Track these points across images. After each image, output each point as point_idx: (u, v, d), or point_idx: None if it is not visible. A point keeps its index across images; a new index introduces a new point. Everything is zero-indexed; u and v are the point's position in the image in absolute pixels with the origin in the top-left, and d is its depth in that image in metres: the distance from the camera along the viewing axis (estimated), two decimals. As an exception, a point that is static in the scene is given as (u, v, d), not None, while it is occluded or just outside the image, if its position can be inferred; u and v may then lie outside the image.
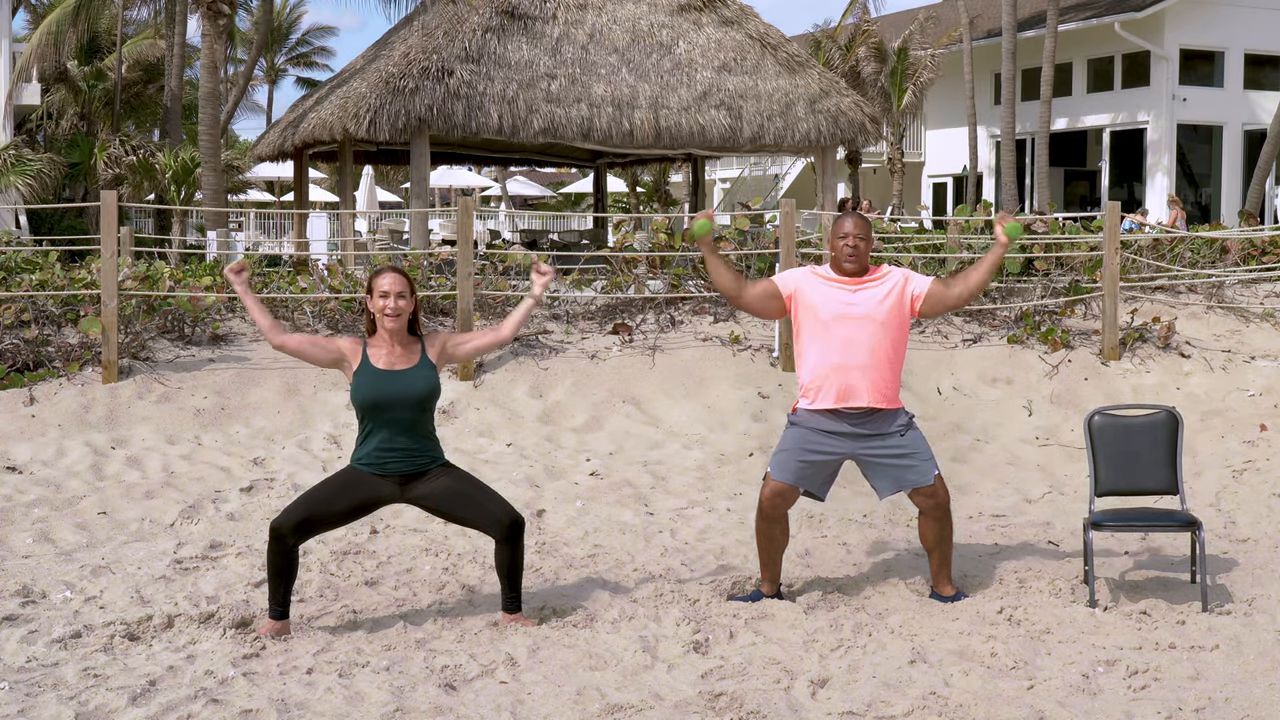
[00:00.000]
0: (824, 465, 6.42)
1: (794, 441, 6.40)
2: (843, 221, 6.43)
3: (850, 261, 6.37)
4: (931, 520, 6.45)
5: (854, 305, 6.34)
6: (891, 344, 6.36)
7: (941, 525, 6.45)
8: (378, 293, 5.84)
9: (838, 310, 6.34)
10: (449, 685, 5.28)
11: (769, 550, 6.51)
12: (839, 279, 6.41)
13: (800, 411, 6.43)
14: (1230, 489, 9.11)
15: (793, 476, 6.38)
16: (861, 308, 6.33)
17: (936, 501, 6.41)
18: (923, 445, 6.44)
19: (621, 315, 12.53)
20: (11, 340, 10.79)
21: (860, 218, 6.45)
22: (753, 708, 5.04)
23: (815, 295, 6.40)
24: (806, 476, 6.40)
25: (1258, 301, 13.47)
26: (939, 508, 6.42)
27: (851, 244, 6.36)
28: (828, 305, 6.37)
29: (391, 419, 5.82)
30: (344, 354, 5.89)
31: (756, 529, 6.51)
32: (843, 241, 6.38)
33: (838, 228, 6.43)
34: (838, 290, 6.39)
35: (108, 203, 11.04)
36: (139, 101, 34.33)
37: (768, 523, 6.45)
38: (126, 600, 6.41)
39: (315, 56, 54.95)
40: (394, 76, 18.41)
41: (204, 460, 9.47)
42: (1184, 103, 32.00)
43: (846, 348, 6.29)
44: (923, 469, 6.38)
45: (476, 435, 10.19)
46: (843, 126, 20.15)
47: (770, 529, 6.46)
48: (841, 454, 6.41)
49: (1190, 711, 5.05)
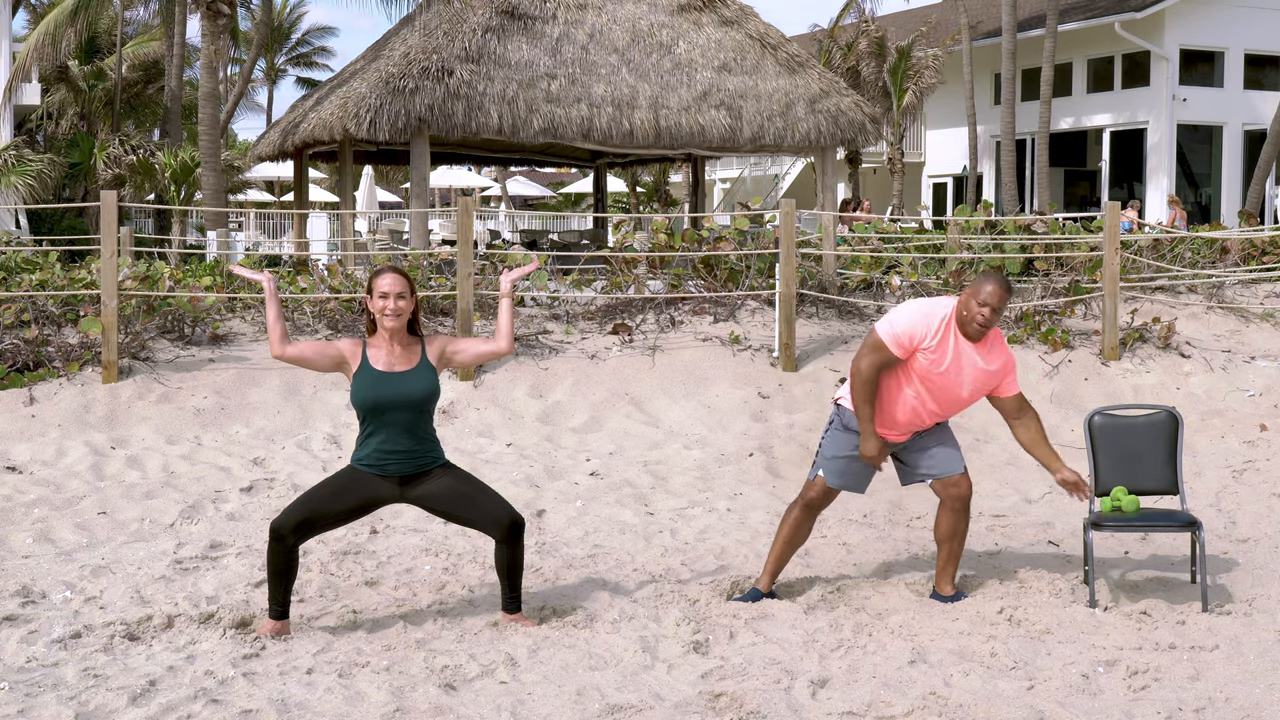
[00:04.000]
0: (871, 469, 6.52)
1: (845, 447, 6.44)
2: (984, 287, 6.10)
3: (975, 334, 6.15)
4: (950, 512, 6.49)
5: (981, 368, 6.22)
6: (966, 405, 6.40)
7: (958, 519, 6.49)
8: (378, 293, 5.84)
9: (963, 371, 6.22)
10: (449, 685, 5.28)
11: (790, 545, 6.58)
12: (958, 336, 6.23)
13: (845, 410, 6.42)
14: (1230, 489, 9.11)
15: (847, 482, 6.50)
16: (963, 377, 6.24)
17: (959, 493, 6.46)
18: (952, 436, 6.53)
19: (621, 315, 12.52)
20: (11, 340, 10.79)
21: (1007, 288, 6.13)
22: (753, 708, 5.04)
23: (930, 346, 6.18)
24: (859, 479, 6.52)
25: (1258, 301, 13.47)
26: (960, 500, 6.46)
27: (986, 317, 6.09)
28: (955, 363, 6.20)
29: (391, 420, 5.82)
30: (344, 356, 5.89)
31: (789, 520, 6.54)
32: (982, 310, 6.10)
33: (977, 291, 6.12)
34: (970, 353, 6.21)
35: (108, 203, 11.04)
36: (139, 101, 34.32)
37: (807, 514, 6.53)
38: (126, 600, 6.41)
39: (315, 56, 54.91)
40: (394, 76, 18.41)
41: (204, 460, 9.47)
42: (1184, 103, 31.99)
43: (932, 400, 6.28)
44: (953, 456, 6.45)
45: (476, 435, 10.19)
46: (843, 126, 20.14)
47: (805, 523, 6.54)
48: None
49: (1190, 711, 5.05)
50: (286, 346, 5.88)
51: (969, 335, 6.18)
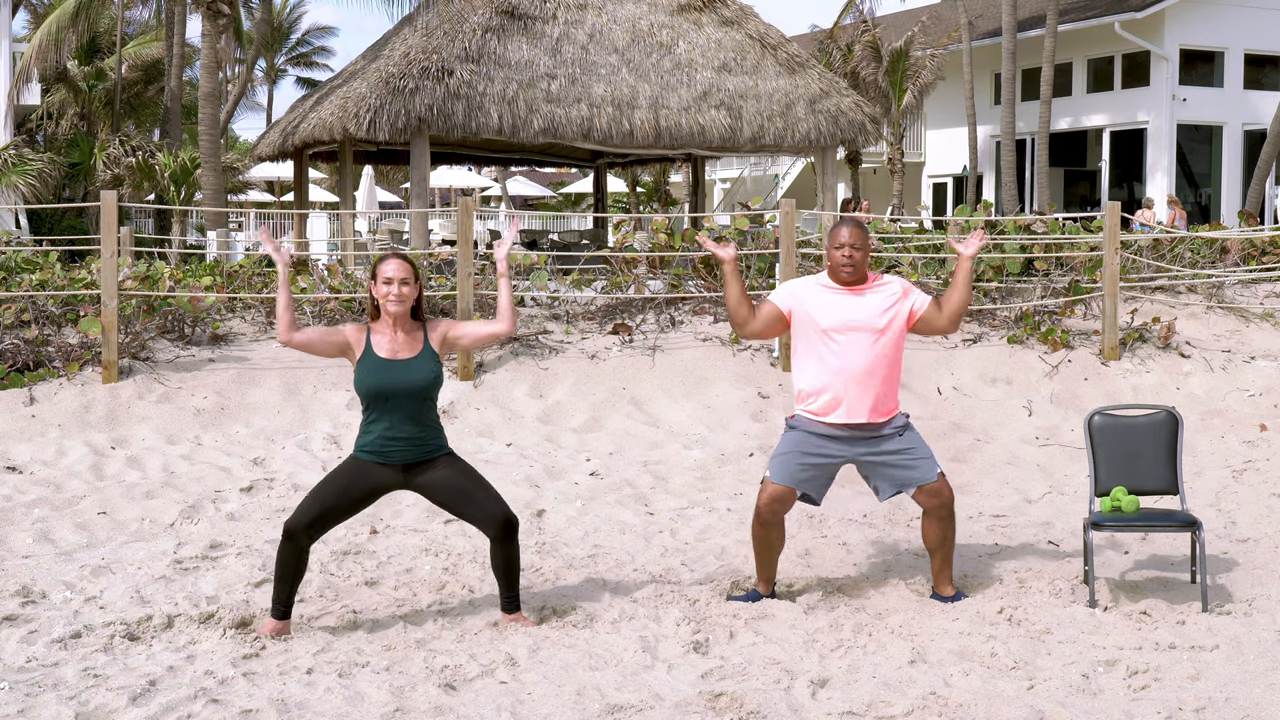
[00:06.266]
0: (823, 469, 6.40)
1: (793, 445, 6.38)
2: (839, 230, 6.35)
3: (847, 271, 6.33)
4: (935, 520, 6.42)
5: (855, 314, 6.31)
6: (890, 352, 6.34)
7: (945, 525, 6.43)
8: (381, 278, 5.86)
9: (838, 319, 6.30)
10: (449, 685, 5.28)
11: (765, 554, 6.47)
12: (839, 286, 6.38)
13: (799, 416, 6.42)
14: (1230, 489, 9.11)
15: (792, 480, 6.34)
16: (862, 316, 6.30)
17: (941, 500, 6.38)
18: (921, 444, 6.42)
19: (621, 315, 12.53)
20: (11, 340, 10.79)
21: (857, 225, 6.35)
22: (753, 708, 5.04)
23: (815, 304, 6.35)
24: (806, 480, 6.37)
25: (1258, 301, 13.47)
26: (943, 506, 6.40)
27: (847, 254, 6.30)
28: (828, 314, 6.32)
29: (395, 407, 5.84)
30: (348, 343, 5.92)
31: (753, 533, 6.45)
32: (839, 251, 6.32)
33: (834, 236, 6.37)
34: (838, 298, 6.35)
35: (108, 203, 11.04)
36: (139, 101, 34.34)
37: (765, 527, 6.40)
38: (126, 600, 6.41)
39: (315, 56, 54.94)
40: (394, 76, 18.42)
41: (204, 460, 9.47)
42: (1184, 103, 32.00)
43: (846, 356, 6.26)
44: (925, 467, 6.36)
45: (476, 435, 10.19)
46: (843, 126, 20.16)
47: (767, 534, 6.41)
48: (841, 458, 6.39)
49: (1190, 711, 5.05)
50: (294, 333, 5.91)
51: (843, 281, 6.33)
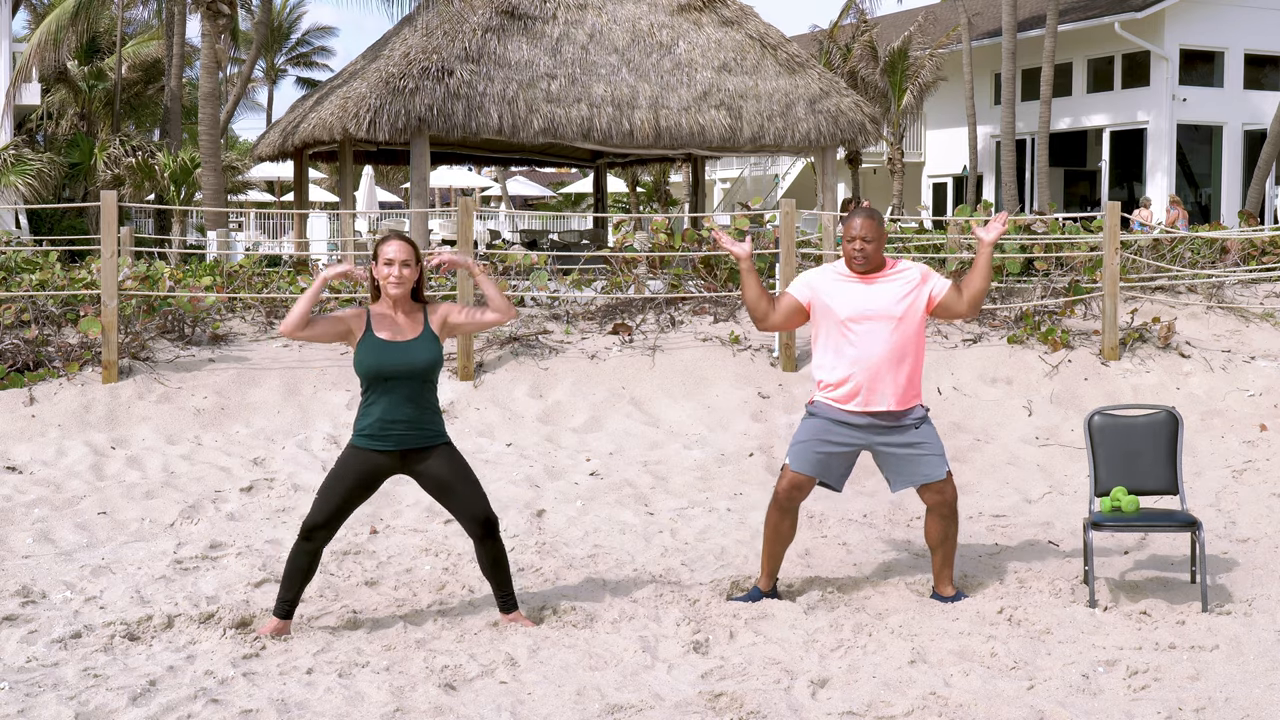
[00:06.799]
0: (842, 456, 6.43)
1: (812, 432, 6.40)
2: (852, 221, 6.36)
3: (859, 262, 6.34)
4: (938, 518, 6.45)
5: (871, 303, 6.32)
6: (910, 340, 6.34)
7: (947, 524, 6.45)
8: (382, 260, 5.86)
9: (855, 308, 6.32)
10: (449, 685, 5.28)
11: (775, 544, 6.51)
12: (855, 276, 6.39)
13: (818, 402, 6.43)
14: (1230, 489, 9.11)
15: (811, 467, 6.38)
16: (878, 305, 6.31)
17: (944, 499, 6.41)
18: (936, 440, 6.45)
19: (621, 315, 12.52)
20: (11, 340, 10.79)
21: (870, 216, 6.35)
22: (753, 708, 5.04)
23: (832, 294, 6.37)
24: (825, 467, 6.41)
25: (1258, 301, 13.47)
26: (946, 505, 6.42)
27: (858, 246, 6.31)
28: (845, 304, 6.34)
29: (394, 388, 5.84)
30: (349, 326, 5.92)
31: (767, 520, 6.50)
32: (851, 244, 6.34)
33: (847, 228, 6.38)
34: (855, 287, 6.37)
35: (108, 203, 11.04)
36: (139, 101, 34.33)
37: (781, 514, 6.45)
38: (126, 600, 6.41)
39: (315, 56, 54.94)
40: (394, 76, 18.42)
41: (204, 460, 9.47)
42: (1184, 103, 32.00)
43: (864, 345, 6.28)
44: (936, 463, 6.39)
45: (476, 435, 10.19)
46: (842, 126, 20.16)
47: (782, 522, 6.46)
48: (859, 445, 6.41)
49: (1190, 711, 5.05)
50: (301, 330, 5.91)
51: (858, 271, 6.35)
